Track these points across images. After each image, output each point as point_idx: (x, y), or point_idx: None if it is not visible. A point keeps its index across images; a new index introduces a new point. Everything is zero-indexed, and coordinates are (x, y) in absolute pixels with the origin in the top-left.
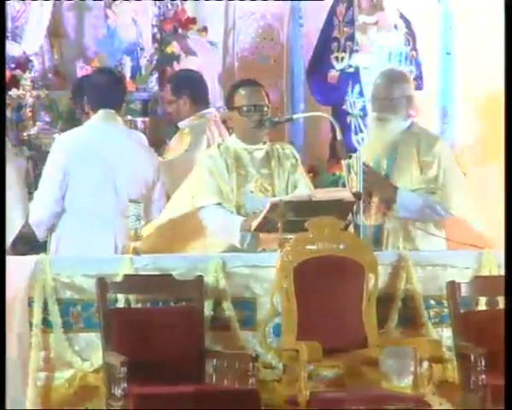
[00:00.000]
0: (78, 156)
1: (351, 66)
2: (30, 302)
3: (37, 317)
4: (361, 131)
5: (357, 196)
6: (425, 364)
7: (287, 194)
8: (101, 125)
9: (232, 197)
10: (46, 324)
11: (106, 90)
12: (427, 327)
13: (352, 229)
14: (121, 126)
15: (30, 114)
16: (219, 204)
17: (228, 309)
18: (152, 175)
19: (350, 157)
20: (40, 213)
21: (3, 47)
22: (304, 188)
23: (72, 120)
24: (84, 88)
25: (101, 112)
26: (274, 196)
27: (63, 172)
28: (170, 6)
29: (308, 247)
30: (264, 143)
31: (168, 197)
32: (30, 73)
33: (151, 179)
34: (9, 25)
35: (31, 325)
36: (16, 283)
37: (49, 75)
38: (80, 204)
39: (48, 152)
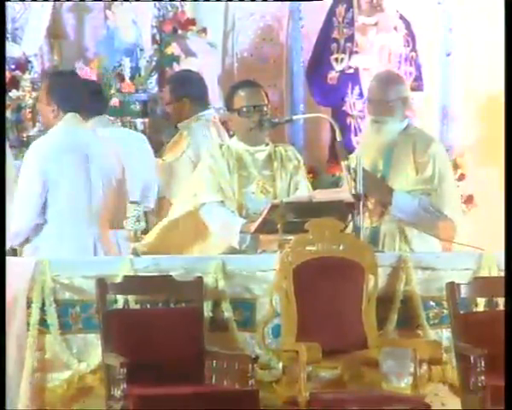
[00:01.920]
0: (60, 160)
1: (350, 67)
2: (29, 303)
3: (34, 318)
4: (360, 132)
5: (356, 197)
6: (424, 365)
7: (288, 195)
8: (73, 128)
9: (233, 198)
10: (45, 325)
11: (92, 99)
12: (425, 329)
13: (351, 230)
14: (115, 130)
15: (29, 115)
16: (221, 202)
17: (226, 310)
18: (146, 174)
19: (349, 158)
20: (20, 225)
21: (3, 48)
22: (304, 190)
23: None
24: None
25: (95, 118)
26: (275, 197)
27: (43, 180)
28: (169, 7)
29: (308, 248)
30: (267, 144)
31: (163, 199)
32: (29, 74)
33: (145, 180)
34: (9, 26)
35: (29, 325)
36: (16, 284)
37: None
38: (62, 207)
39: None
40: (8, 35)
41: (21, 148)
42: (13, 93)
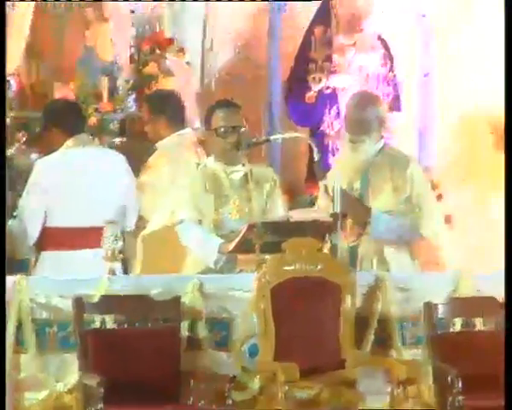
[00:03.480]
0: (57, 180)
1: (328, 87)
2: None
3: (9, 338)
4: (338, 152)
5: (334, 216)
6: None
7: (264, 216)
8: (75, 150)
9: (210, 218)
10: (21, 344)
11: (71, 117)
12: (399, 349)
13: (328, 249)
14: (94, 149)
15: (7, 134)
16: (199, 221)
17: (203, 330)
18: (124, 194)
19: (326, 177)
20: (22, 235)
21: (3, 48)
22: (280, 211)
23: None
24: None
25: (74, 137)
26: (251, 218)
27: (44, 196)
28: (147, 26)
29: (285, 268)
30: (243, 164)
31: (141, 218)
32: (7, 93)
33: (123, 198)
34: None
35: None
36: None
37: (27, 95)
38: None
39: (25, 172)
40: None
41: None
42: None
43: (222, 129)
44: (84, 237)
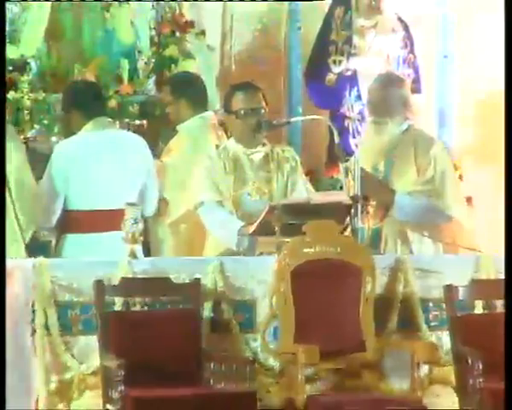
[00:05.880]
0: (77, 163)
1: (348, 69)
2: (30, 305)
3: (39, 320)
4: (359, 134)
5: (354, 199)
6: (425, 367)
7: (285, 197)
8: (96, 133)
9: (230, 199)
10: (45, 327)
11: (92, 99)
12: (423, 331)
13: (349, 232)
14: (114, 132)
15: (27, 117)
16: (219, 202)
17: (226, 311)
18: (144, 177)
19: (347, 160)
20: (42, 217)
21: (3, 48)
22: (302, 191)
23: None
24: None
25: (94, 119)
26: (271, 199)
27: (65, 179)
28: (168, 9)
29: (305, 250)
30: (264, 145)
31: (162, 200)
32: (28, 75)
33: (143, 182)
34: (7, 27)
35: (32, 328)
36: (17, 286)
37: (47, 78)
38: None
39: (45, 155)
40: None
41: None
42: (11, 95)
43: (242, 111)
44: (105, 220)
